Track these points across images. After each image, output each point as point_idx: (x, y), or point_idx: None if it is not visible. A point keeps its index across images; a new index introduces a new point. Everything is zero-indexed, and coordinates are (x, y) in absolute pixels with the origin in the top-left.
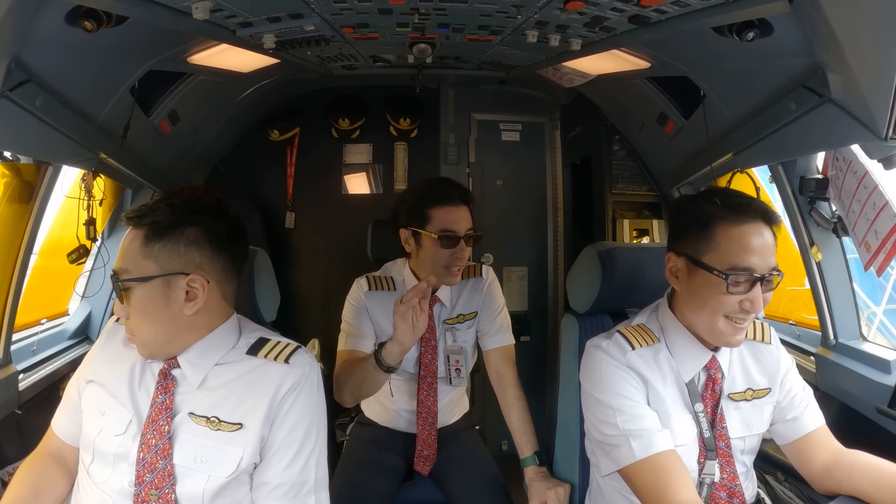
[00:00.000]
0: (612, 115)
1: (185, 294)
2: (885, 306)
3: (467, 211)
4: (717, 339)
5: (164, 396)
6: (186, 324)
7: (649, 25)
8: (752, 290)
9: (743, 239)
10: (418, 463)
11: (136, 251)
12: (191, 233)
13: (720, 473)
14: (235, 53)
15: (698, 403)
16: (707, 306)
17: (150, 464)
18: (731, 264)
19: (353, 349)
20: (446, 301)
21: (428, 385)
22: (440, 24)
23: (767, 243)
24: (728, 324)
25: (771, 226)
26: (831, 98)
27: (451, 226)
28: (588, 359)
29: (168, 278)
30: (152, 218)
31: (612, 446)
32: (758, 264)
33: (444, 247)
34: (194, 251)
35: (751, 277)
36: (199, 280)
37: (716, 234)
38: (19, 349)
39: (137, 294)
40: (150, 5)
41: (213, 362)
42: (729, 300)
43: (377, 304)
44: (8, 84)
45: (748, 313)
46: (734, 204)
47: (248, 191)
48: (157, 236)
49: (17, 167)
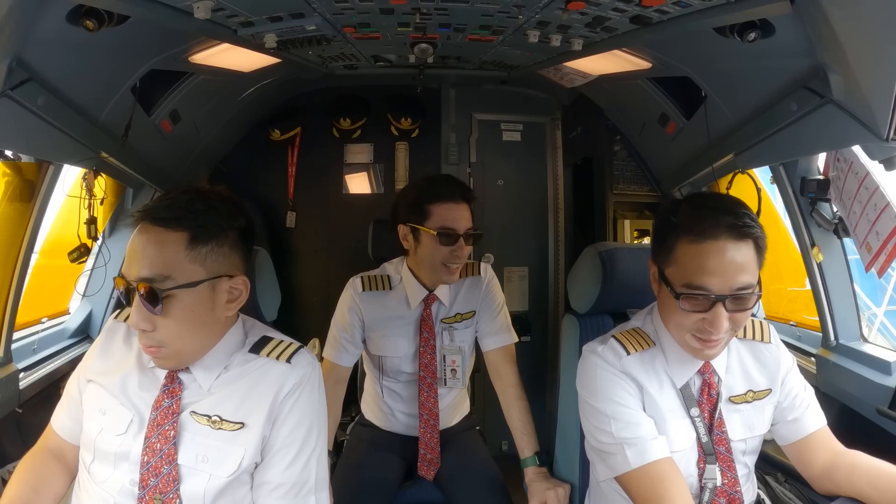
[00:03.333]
0: (614, 115)
1: (226, 296)
2: (885, 307)
3: (468, 209)
4: (690, 352)
5: (171, 401)
6: (219, 327)
7: (650, 26)
8: (710, 310)
9: (700, 257)
10: (422, 468)
11: (179, 256)
12: (232, 236)
13: (721, 478)
14: (237, 53)
15: (694, 408)
16: (671, 321)
17: (155, 468)
18: (685, 282)
19: (334, 363)
20: (445, 300)
21: (428, 386)
22: (441, 23)
23: (732, 261)
24: (695, 340)
25: (745, 240)
26: (832, 99)
27: (451, 223)
28: (583, 365)
29: (214, 282)
30: (196, 221)
31: (607, 454)
32: (716, 285)
33: (442, 244)
34: (236, 254)
35: (707, 298)
36: (244, 280)
37: (675, 249)
38: (20, 348)
39: (183, 301)
40: (151, 4)
41: (223, 365)
42: (687, 318)
43: (370, 305)
44: (9, 83)
45: (713, 333)
46: (697, 217)
47: (249, 190)
48: (204, 240)
49: (19, 166)
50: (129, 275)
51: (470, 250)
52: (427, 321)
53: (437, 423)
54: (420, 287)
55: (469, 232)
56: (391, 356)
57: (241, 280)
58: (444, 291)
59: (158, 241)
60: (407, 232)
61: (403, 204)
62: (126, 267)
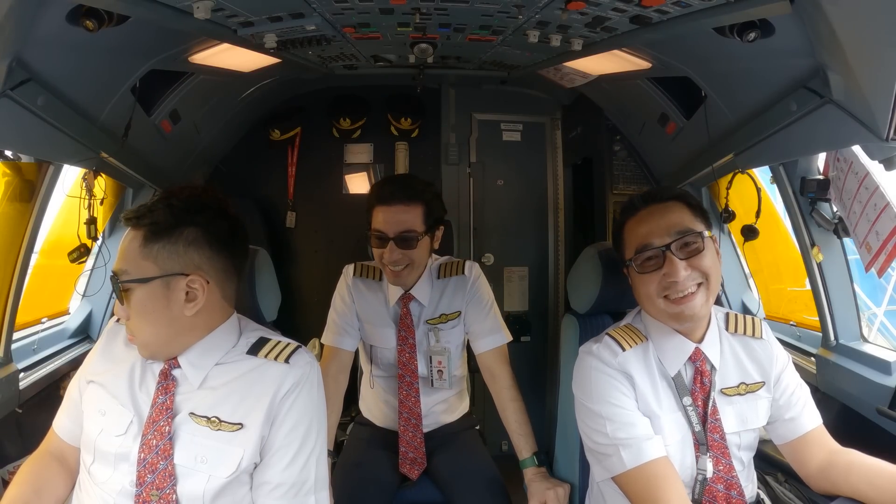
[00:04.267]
0: (614, 115)
1: (184, 295)
2: (885, 307)
3: (408, 210)
4: (672, 320)
5: (165, 397)
6: (187, 324)
7: (650, 26)
8: (665, 264)
9: (637, 226)
10: (403, 465)
11: (135, 252)
12: (190, 233)
13: (714, 467)
14: (236, 53)
15: (686, 397)
16: (642, 295)
17: (151, 464)
18: (634, 249)
19: (336, 347)
20: (424, 300)
21: (408, 385)
22: (441, 23)
23: (664, 220)
24: (668, 303)
25: (667, 202)
26: (832, 99)
27: (380, 226)
28: (579, 366)
29: (168, 279)
30: (151, 219)
31: (603, 455)
32: (655, 239)
33: (376, 247)
34: (193, 252)
35: (655, 251)
36: (199, 281)
37: (623, 236)
38: (20, 348)
39: (137, 295)
40: (151, 4)
41: (213, 362)
42: (649, 281)
43: (361, 292)
44: (9, 83)
45: (678, 284)
46: (626, 206)
47: (248, 190)
48: (155, 237)
49: (18, 166)
50: None
51: (414, 254)
52: (405, 320)
53: (420, 422)
54: (396, 287)
55: (404, 234)
56: (380, 347)
57: (199, 280)
58: (422, 291)
59: (126, 238)
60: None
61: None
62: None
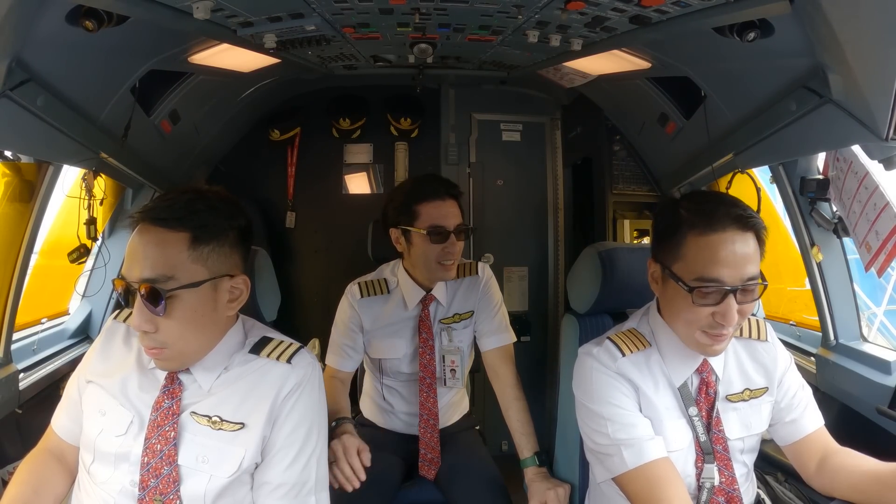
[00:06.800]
0: (613, 115)
1: (227, 296)
2: (885, 307)
3: (456, 205)
4: (697, 349)
5: (171, 402)
6: (221, 327)
7: (650, 26)
8: (722, 302)
9: (710, 249)
10: (423, 468)
11: (181, 256)
12: (233, 236)
13: (719, 477)
14: (236, 53)
15: (692, 407)
16: (680, 318)
17: (155, 469)
18: (697, 275)
19: (336, 368)
20: (442, 300)
21: (427, 386)
22: (441, 24)
23: (741, 252)
24: (705, 336)
25: (749, 232)
26: (832, 98)
27: (440, 220)
28: (579, 367)
29: (216, 281)
30: (198, 221)
31: (604, 455)
32: (728, 276)
33: (434, 242)
34: (236, 253)
35: (720, 289)
36: (244, 279)
37: (683, 244)
38: (20, 348)
39: (187, 301)
40: (150, 5)
41: (223, 366)
42: (699, 312)
43: (370, 311)
44: (9, 83)
45: (723, 326)
46: (703, 211)
47: (248, 190)
48: (206, 239)
49: (18, 166)
50: (131, 276)
51: (462, 246)
52: (425, 322)
53: (437, 422)
54: (417, 288)
55: (460, 227)
56: (390, 358)
57: (242, 279)
58: (441, 292)
59: (160, 241)
60: (399, 235)
61: (392, 207)
62: (126, 268)
